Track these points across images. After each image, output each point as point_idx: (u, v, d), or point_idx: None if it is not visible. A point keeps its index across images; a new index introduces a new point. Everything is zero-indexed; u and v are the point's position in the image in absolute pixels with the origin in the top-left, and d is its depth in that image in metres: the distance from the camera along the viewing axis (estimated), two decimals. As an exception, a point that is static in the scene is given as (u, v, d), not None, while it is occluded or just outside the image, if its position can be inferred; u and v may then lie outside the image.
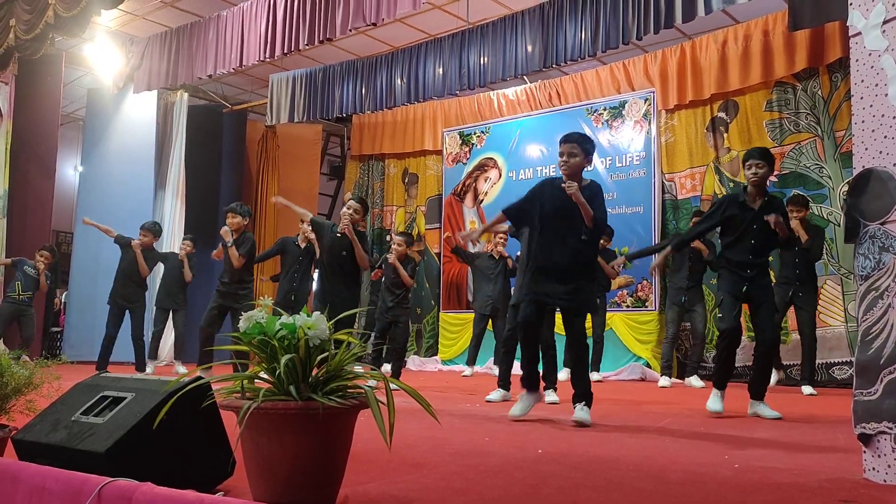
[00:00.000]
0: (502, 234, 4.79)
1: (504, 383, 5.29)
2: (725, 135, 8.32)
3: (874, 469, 2.31)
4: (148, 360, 7.96)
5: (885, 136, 2.35)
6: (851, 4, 2.50)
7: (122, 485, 1.71)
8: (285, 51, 7.73)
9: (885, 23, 2.38)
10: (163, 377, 2.30)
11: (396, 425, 1.85)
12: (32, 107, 9.68)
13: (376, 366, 6.10)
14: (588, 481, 2.36)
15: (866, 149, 2.40)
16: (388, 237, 11.04)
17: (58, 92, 9.98)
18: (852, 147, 2.48)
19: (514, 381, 4.86)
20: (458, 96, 10.24)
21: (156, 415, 1.91)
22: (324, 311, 1.97)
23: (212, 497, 1.64)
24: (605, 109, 9.21)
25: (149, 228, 7.75)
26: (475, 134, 10.48)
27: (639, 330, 8.55)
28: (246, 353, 2.06)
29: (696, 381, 6.93)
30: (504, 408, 4.66)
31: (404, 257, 6.58)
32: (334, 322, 2.02)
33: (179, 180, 10.58)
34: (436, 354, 10.29)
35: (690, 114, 8.60)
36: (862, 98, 2.43)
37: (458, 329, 10.05)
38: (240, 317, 2.02)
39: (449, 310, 10.29)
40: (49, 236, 10.30)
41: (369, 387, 1.92)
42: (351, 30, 7.22)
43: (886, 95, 2.36)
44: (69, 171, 13.79)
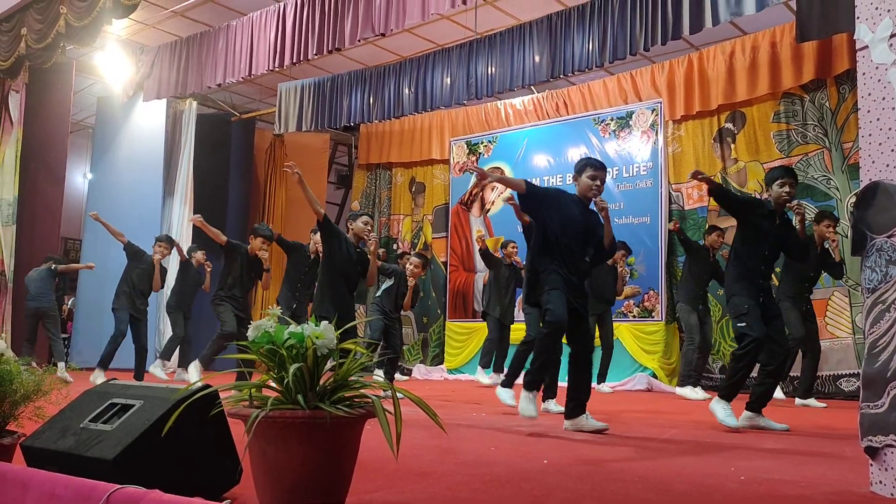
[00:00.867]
0: (512, 202, 4.99)
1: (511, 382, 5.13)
2: (733, 146, 8.32)
3: (881, 482, 2.30)
4: (162, 361, 7.99)
5: (892, 150, 2.35)
6: (858, 18, 2.51)
7: (130, 492, 1.72)
8: (294, 60, 7.75)
9: (892, 36, 2.39)
10: (171, 384, 2.31)
11: (403, 434, 1.86)
12: (43, 115, 9.74)
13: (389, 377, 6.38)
14: (594, 493, 2.36)
15: (873, 162, 2.40)
16: (395, 246, 11.07)
17: (68, 100, 10.03)
18: (859, 160, 2.48)
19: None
20: (465, 106, 10.27)
21: (164, 422, 1.93)
22: (334, 318, 1.99)
23: (219, 505, 1.65)
24: (612, 119, 9.22)
25: (166, 241, 7.66)
26: (482, 143, 10.51)
27: (645, 340, 8.53)
28: (251, 361, 2.07)
29: (699, 392, 6.86)
30: (509, 417, 4.65)
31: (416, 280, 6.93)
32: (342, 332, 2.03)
33: (188, 188, 10.62)
34: (442, 363, 10.28)
35: (698, 124, 8.59)
36: (869, 111, 2.44)
37: (465, 338, 10.04)
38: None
39: (455, 318, 10.29)
40: (58, 243, 10.32)
41: (377, 396, 1.93)
42: (360, 40, 7.23)
43: (894, 109, 2.36)
44: (78, 178, 13.87)
